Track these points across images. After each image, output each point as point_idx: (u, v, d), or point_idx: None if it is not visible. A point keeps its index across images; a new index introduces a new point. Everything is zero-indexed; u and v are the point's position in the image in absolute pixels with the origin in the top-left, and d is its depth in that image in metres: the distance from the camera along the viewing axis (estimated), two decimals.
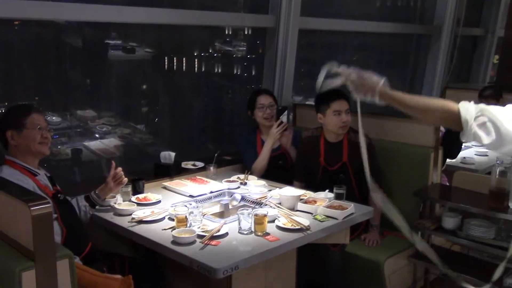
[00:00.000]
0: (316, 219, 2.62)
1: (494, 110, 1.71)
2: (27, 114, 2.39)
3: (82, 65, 3.42)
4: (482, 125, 1.70)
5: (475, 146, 4.46)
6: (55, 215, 2.31)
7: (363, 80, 1.86)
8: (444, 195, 3.20)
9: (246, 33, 4.32)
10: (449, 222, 2.94)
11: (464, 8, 5.70)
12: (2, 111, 3.03)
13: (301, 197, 2.83)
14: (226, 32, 4.15)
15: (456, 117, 1.73)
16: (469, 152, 4.24)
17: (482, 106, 1.74)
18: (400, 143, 3.28)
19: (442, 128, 3.34)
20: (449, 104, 1.77)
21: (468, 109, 1.72)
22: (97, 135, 3.55)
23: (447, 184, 3.55)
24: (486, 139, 1.70)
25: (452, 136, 3.51)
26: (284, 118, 3.45)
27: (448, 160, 3.66)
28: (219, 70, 4.25)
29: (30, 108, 2.45)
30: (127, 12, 3.01)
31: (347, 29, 4.67)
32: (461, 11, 5.67)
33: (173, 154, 3.29)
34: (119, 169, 2.70)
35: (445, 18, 5.49)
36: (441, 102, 1.80)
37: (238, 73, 4.37)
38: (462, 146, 3.85)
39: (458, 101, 1.79)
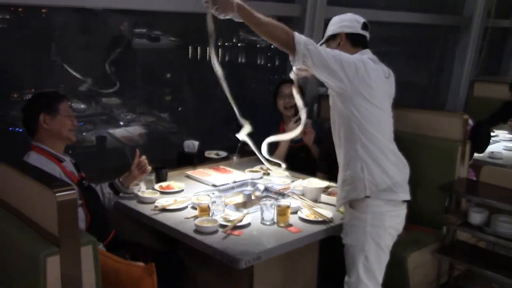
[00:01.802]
0: (339, 211, 2.59)
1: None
2: (60, 100, 2.43)
3: (107, 52, 3.43)
4: (309, 50, 2.10)
5: (503, 140, 4.38)
6: (80, 201, 2.33)
7: None
8: (471, 190, 3.13)
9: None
10: (476, 217, 2.89)
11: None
12: (28, 97, 3.07)
13: (324, 189, 2.81)
14: None
15: (291, 39, 2.10)
16: (497, 146, 4.15)
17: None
18: (428, 136, 3.21)
19: (470, 122, 3.27)
20: (287, 27, 2.14)
21: (300, 36, 2.13)
22: (121, 123, 3.57)
23: (474, 179, 3.48)
24: (310, 62, 2.12)
25: (481, 130, 3.44)
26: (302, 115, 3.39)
27: (475, 154, 3.58)
28: (243, 60, 4.22)
29: (62, 95, 2.49)
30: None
31: (374, 19, 4.56)
32: (491, 2, 5.53)
33: (196, 143, 3.29)
34: (143, 157, 2.72)
35: (475, 9, 5.36)
36: (281, 24, 2.15)
37: (262, 63, 4.34)
38: (490, 140, 3.76)
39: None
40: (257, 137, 2.86)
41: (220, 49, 4.08)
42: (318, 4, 3.71)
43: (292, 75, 2.52)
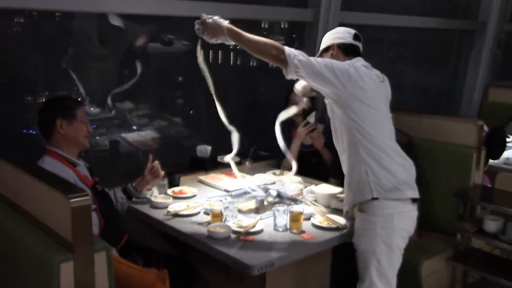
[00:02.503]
0: (350, 216, 2.56)
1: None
2: (78, 106, 2.45)
3: (120, 56, 3.44)
4: (300, 60, 2.22)
5: None
6: (93, 206, 2.34)
7: (212, 23, 2.28)
8: (486, 197, 3.10)
9: (282, 26, 4.27)
10: (491, 225, 2.85)
11: (511, 4, 5.49)
12: (42, 100, 3.09)
13: (337, 195, 2.79)
14: (262, 26, 4.11)
15: (281, 53, 2.23)
16: None
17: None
18: (442, 142, 3.18)
19: (485, 128, 3.23)
20: (277, 43, 2.27)
21: (290, 49, 2.25)
22: (134, 127, 3.58)
23: (489, 185, 3.44)
24: (303, 72, 2.23)
25: (496, 136, 3.40)
26: (311, 119, 3.39)
27: (490, 160, 3.54)
28: (255, 64, 4.21)
29: (80, 101, 2.51)
30: (167, 5, 3.00)
31: (388, 24, 4.56)
32: (507, 7, 5.47)
33: (209, 148, 3.29)
34: (156, 162, 2.72)
35: (490, 14, 5.30)
36: (271, 40, 2.29)
37: (274, 66, 4.32)
38: (506, 147, 3.72)
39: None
40: (270, 141, 2.88)
41: (232, 53, 4.08)
42: (331, 9, 3.69)
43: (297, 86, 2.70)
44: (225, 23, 2.30)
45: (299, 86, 2.71)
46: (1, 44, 2.89)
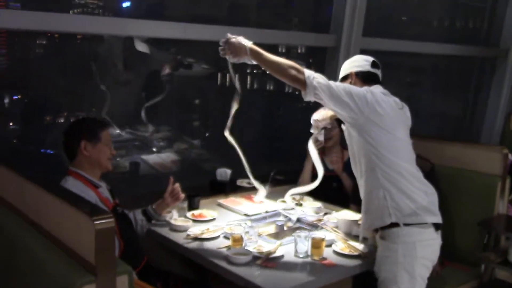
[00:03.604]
0: (373, 244, 2.52)
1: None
2: (103, 128, 2.44)
3: (141, 78, 3.48)
4: (319, 82, 2.24)
5: None
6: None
7: (236, 42, 2.35)
8: (511, 227, 3.03)
9: (299, 51, 4.28)
10: None
11: None
12: (61, 120, 3.12)
13: (358, 222, 2.75)
14: (280, 50, 4.13)
15: (301, 74, 2.25)
16: None
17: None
18: (465, 170, 3.13)
19: (510, 156, 3.18)
20: (297, 64, 2.29)
21: (310, 71, 2.27)
22: (154, 149, 3.59)
23: None
24: (321, 94, 2.24)
25: None
26: (321, 136, 3.36)
27: None
28: (271, 87, 4.22)
29: (106, 123, 2.52)
30: (190, 29, 3.04)
31: (410, 50, 4.56)
32: None
33: (229, 171, 3.28)
34: (177, 185, 2.71)
35: None
36: (291, 62, 2.30)
37: (290, 91, 4.33)
38: None
39: None
40: (290, 166, 2.86)
41: (248, 76, 4.10)
42: (353, 35, 3.70)
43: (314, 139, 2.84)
44: (249, 43, 2.35)
45: (318, 115, 2.72)
46: (25, 64, 2.94)
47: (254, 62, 2.37)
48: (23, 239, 1.92)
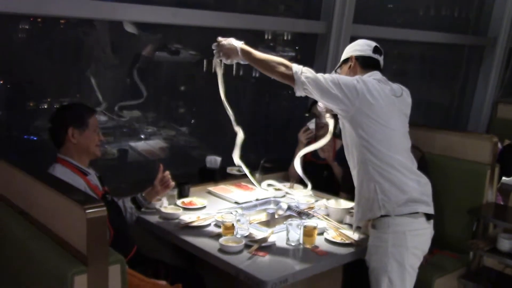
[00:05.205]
0: (364, 233, 2.52)
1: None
2: (90, 115, 2.39)
3: (128, 64, 3.41)
4: (307, 77, 2.25)
5: None
6: None
7: (227, 44, 2.40)
8: (500, 215, 3.06)
9: (285, 38, 4.24)
10: (505, 244, 2.82)
11: None
12: (45, 106, 3.05)
13: (350, 210, 2.75)
14: (266, 37, 4.08)
15: (290, 71, 2.27)
16: None
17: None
18: (455, 159, 3.14)
19: (499, 145, 3.20)
20: (286, 61, 2.31)
21: (299, 66, 2.28)
22: (142, 136, 3.54)
23: (502, 203, 3.39)
24: (310, 89, 2.24)
25: (510, 153, 3.37)
26: (311, 125, 3.35)
27: (504, 178, 3.50)
28: (257, 75, 4.18)
29: (93, 109, 2.46)
30: (181, 14, 2.98)
31: (400, 38, 4.55)
32: None
33: (219, 159, 3.26)
34: (167, 172, 2.68)
35: (501, 30, 5.29)
36: (280, 58, 2.32)
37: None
38: None
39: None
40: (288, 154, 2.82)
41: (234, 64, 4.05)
42: (344, 22, 3.67)
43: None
44: (239, 44, 2.39)
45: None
46: (8, 48, 2.86)
47: (246, 62, 2.40)
48: (12, 229, 1.89)
